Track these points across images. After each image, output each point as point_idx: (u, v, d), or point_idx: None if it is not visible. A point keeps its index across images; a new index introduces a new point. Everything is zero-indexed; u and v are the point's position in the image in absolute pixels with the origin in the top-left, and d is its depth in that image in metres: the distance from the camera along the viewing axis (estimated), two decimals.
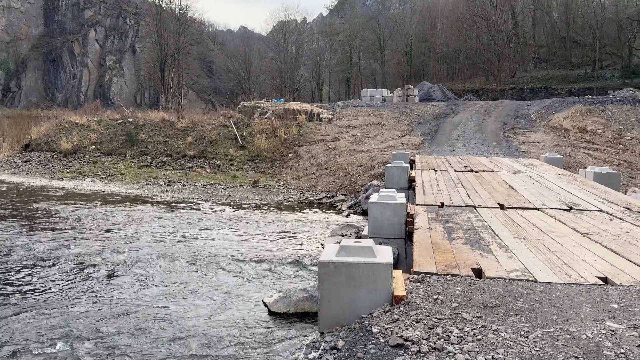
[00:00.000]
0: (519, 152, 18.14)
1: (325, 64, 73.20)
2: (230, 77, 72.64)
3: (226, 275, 8.19)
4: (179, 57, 60.76)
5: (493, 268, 4.29)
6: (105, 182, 19.24)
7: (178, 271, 8.41)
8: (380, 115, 26.64)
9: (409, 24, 67.11)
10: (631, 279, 4.03)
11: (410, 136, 22.35)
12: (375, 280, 3.62)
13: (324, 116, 26.38)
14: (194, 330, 5.94)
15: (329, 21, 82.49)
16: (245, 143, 22.31)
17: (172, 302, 6.97)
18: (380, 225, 7.02)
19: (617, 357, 2.65)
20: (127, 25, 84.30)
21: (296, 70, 69.19)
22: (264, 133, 22.62)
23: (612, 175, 11.02)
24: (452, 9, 64.16)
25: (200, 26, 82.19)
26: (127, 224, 12.06)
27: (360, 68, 67.01)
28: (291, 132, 23.01)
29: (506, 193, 8.84)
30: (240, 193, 17.10)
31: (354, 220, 13.12)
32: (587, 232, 5.83)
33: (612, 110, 22.56)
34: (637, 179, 16.20)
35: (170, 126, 24.56)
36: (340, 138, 22.44)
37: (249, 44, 74.73)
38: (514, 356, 2.66)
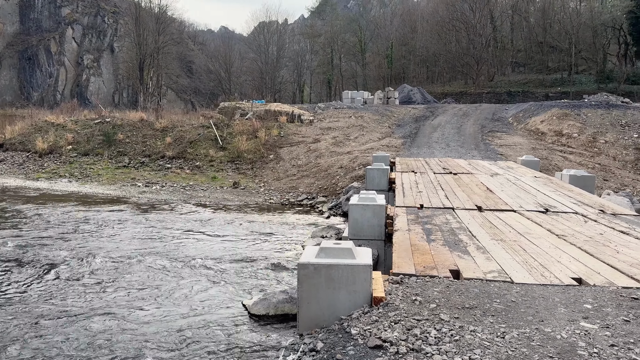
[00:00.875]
0: (496, 155, 18.41)
1: (306, 66, 73.24)
2: (210, 77, 72.09)
3: (205, 277, 8.12)
4: (158, 56, 60.10)
5: (470, 269, 4.34)
6: (81, 183, 18.91)
7: (156, 273, 8.30)
8: (361, 117, 26.76)
9: (390, 27, 67.58)
10: (604, 279, 4.12)
11: (390, 138, 22.50)
12: (355, 282, 3.63)
13: (305, 118, 26.38)
14: (171, 333, 5.87)
15: (311, 23, 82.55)
16: (225, 144, 22.17)
17: (148, 304, 6.87)
18: (360, 227, 7.04)
19: (591, 357, 2.70)
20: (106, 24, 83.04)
21: (277, 72, 69.05)
22: (244, 134, 22.52)
23: (587, 178, 11.25)
24: (432, 12, 64.86)
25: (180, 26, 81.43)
26: (104, 226, 11.87)
27: (341, 70, 67.22)
28: (272, 134, 22.96)
29: (484, 195, 8.95)
30: (220, 194, 16.98)
31: (335, 221, 13.14)
32: (563, 233, 5.94)
33: (588, 114, 23.06)
34: (611, 182, 16.59)
35: (148, 126, 24.27)
36: (321, 140, 22.47)
37: (230, 45, 74.30)
38: (491, 356, 2.69)
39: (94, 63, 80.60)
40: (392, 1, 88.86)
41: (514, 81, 53.14)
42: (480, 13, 55.97)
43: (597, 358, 2.69)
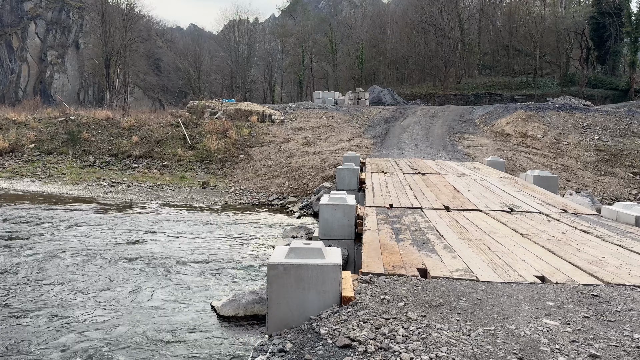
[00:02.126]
0: (463, 156, 18.76)
1: (277, 65, 72.96)
2: (179, 75, 71.01)
3: (173, 279, 8.00)
4: (125, 53, 58.81)
5: (438, 268, 4.41)
6: (45, 183, 18.35)
7: (122, 275, 8.13)
8: (332, 117, 26.84)
9: (360, 28, 68.02)
10: (566, 277, 4.24)
11: (361, 139, 22.65)
12: (324, 282, 3.63)
13: (276, 117, 26.29)
14: (138, 335, 5.76)
15: (281, 22, 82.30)
16: (194, 143, 21.89)
17: (112, 306, 6.72)
18: (330, 227, 7.06)
19: (553, 353, 2.78)
20: (71, 20, 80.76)
21: (248, 71, 68.56)
22: (214, 133, 22.29)
23: (550, 178, 11.57)
24: (402, 15, 65.59)
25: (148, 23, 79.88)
26: (67, 226, 11.55)
27: (312, 70, 67.25)
28: (242, 133, 22.79)
29: (451, 195, 9.11)
30: (189, 194, 16.76)
31: (305, 221, 13.14)
32: (527, 232, 6.10)
33: (551, 116, 23.75)
34: (573, 182, 17.12)
35: (115, 125, 23.75)
36: (292, 139, 22.44)
37: (199, 42, 73.38)
38: (457, 354, 2.74)
39: (58, 59, 78.29)
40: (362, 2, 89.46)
41: (480, 83, 54.23)
42: (449, 16, 56.92)
43: (559, 354, 2.76)
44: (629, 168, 18.75)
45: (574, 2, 55.77)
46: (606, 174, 18.37)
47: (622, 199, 15.96)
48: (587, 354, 2.76)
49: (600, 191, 16.63)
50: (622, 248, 5.36)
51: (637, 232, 6.35)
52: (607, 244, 5.55)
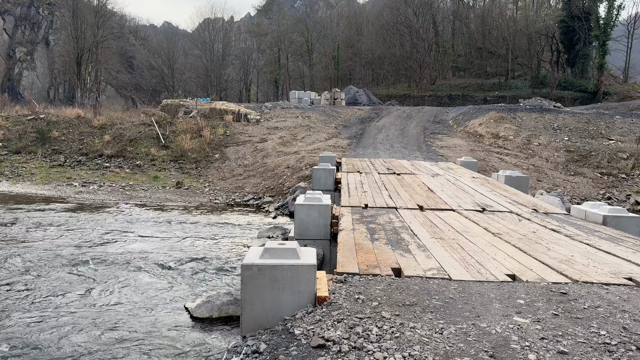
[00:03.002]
0: (437, 156, 18.99)
1: (253, 64, 72.57)
2: (152, 73, 69.93)
3: (147, 281, 7.87)
4: (97, 51, 57.63)
5: (411, 267, 4.44)
6: (13, 183, 17.84)
7: (92, 277, 7.96)
8: (308, 117, 26.84)
9: (336, 28, 68.24)
10: (536, 276, 4.33)
11: (337, 139, 22.70)
12: (299, 282, 3.63)
13: (251, 117, 26.15)
14: (108, 338, 5.64)
15: (257, 21, 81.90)
16: (168, 142, 21.60)
17: (84, 308, 6.58)
18: (306, 227, 7.06)
19: (523, 350, 2.83)
20: (40, 16, 78.70)
21: (223, 70, 67.98)
22: (188, 132, 22.03)
23: (522, 178, 11.81)
24: (377, 16, 66.03)
25: (120, 20, 78.47)
26: (37, 228, 11.25)
27: (288, 70, 67.12)
28: (217, 133, 22.59)
29: (425, 195, 9.21)
30: (163, 194, 16.52)
31: (281, 221, 13.11)
32: (498, 232, 6.21)
33: (522, 117, 24.24)
34: (543, 182, 17.51)
35: (86, 123, 23.26)
36: (268, 139, 22.35)
37: (174, 40, 72.41)
38: (429, 352, 2.77)
39: (27, 56, 76.19)
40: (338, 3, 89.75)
41: (454, 85, 55.00)
42: (423, 18, 57.56)
43: (529, 351, 2.82)
44: (597, 168, 19.28)
45: (545, 5, 57.06)
46: (575, 174, 18.84)
47: (590, 198, 16.40)
48: (556, 351, 2.82)
49: (570, 191, 17.05)
50: (590, 247, 5.50)
51: (605, 231, 6.54)
52: (575, 243, 5.69)
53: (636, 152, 19.99)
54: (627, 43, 50.85)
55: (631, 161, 19.45)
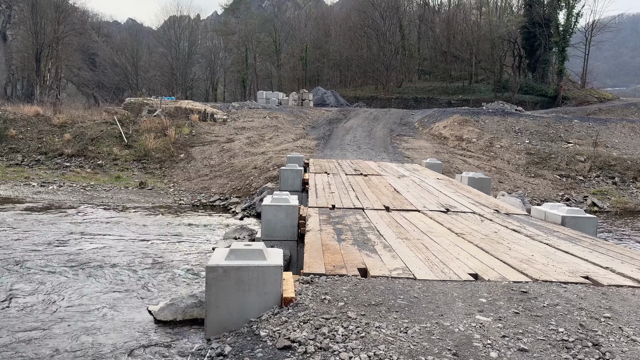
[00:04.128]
0: (403, 158, 19.24)
1: (220, 64, 71.78)
2: (116, 71, 68.26)
3: (108, 284, 7.67)
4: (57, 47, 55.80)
5: (377, 267, 4.48)
6: None
7: (52, 280, 7.69)
8: (276, 118, 26.74)
9: (304, 29, 68.28)
10: (498, 275, 4.43)
11: (305, 140, 22.71)
12: (265, 283, 3.60)
13: (218, 116, 25.86)
14: (68, 343, 5.46)
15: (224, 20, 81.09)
16: (131, 142, 21.13)
17: (40, 312, 6.35)
18: (273, 228, 7.03)
19: (485, 348, 2.89)
20: None
21: (189, 68, 66.98)
22: (152, 132, 21.61)
23: (484, 180, 12.09)
24: (345, 18, 66.43)
25: (82, 15, 76.25)
26: None
27: (256, 70, 66.71)
28: (183, 132, 22.24)
29: (391, 196, 9.31)
30: (125, 195, 16.14)
31: (248, 223, 13.00)
32: (461, 232, 6.33)
33: (485, 120, 24.83)
34: (505, 184, 17.98)
35: (45, 122, 22.50)
36: (235, 139, 22.15)
37: (138, 38, 70.93)
38: (394, 351, 2.79)
39: None
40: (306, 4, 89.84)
41: (420, 88, 55.85)
42: (390, 21, 58.22)
43: (491, 349, 2.88)
44: (556, 170, 19.93)
45: (507, 12, 58.62)
46: (536, 176, 19.43)
47: (550, 199, 16.94)
48: (517, 349, 2.89)
49: (530, 192, 17.57)
50: (550, 246, 5.68)
51: (563, 231, 6.76)
52: (535, 243, 5.86)
53: (593, 155, 20.78)
54: (585, 50, 52.82)
55: (588, 164, 20.20)
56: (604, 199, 17.80)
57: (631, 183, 19.34)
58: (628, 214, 16.75)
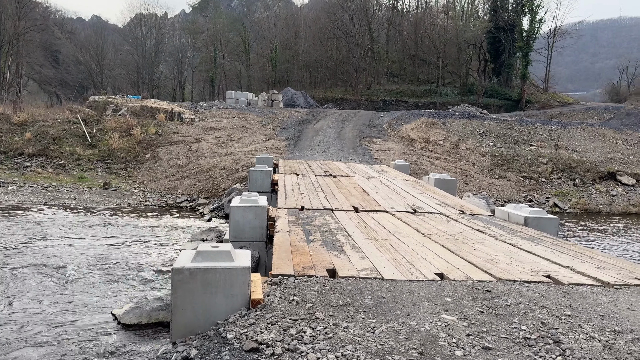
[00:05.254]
0: (372, 159, 19.40)
1: (188, 62, 70.83)
2: (79, 69, 66.46)
3: (70, 287, 7.44)
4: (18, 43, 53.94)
5: (345, 268, 4.50)
6: None
7: (9, 284, 7.42)
8: (245, 118, 26.55)
9: (274, 30, 68.07)
10: (463, 274, 4.52)
11: (274, 140, 22.62)
12: (233, 285, 3.57)
13: (185, 116, 25.48)
14: (27, 351, 5.28)
15: (192, 19, 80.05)
16: (95, 141, 20.60)
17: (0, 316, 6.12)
18: (241, 229, 6.97)
19: (450, 346, 2.94)
20: None
21: (156, 67, 65.84)
22: (117, 131, 21.12)
23: (450, 181, 12.31)
24: (315, 19, 66.58)
25: (45, 11, 74.00)
26: None
27: (225, 69, 66.10)
28: (149, 132, 21.82)
29: (360, 197, 9.37)
30: (89, 196, 15.72)
31: (216, 224, 12.85)
32: (428, 232, 6.43)
33: (452, 123, 25.29)
34: (470, 185, 18.34)
35: (5, 120, 21.70)
36: (203, 139, 21.87)
37: (103, 35, 69.23)
38: (362, 351, 2.81)
39: None
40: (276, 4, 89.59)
41: (388, 90, 56.48)
42: (359, 24, 58.69)
43: (456, 347, 2.93)
44: (519, 172, 20.47)
45: (473, 16, 59.92)
46: (500, 177, 19.90)
47: (513, 200, 17.39)
48: (481, 347, 2.95)
49: (494, 193, 17.98)
50: (513, 246, 5.82)
51: (526, 231, 6.94)
52: (499, 243, 6.00)
53: (555, 157, 21.43)
54: (547, 55, 54.56)
55: (550, 166, 20.82)
56: (565, 200, 18.38)
57: (591, 185, 20.03)
58: (588, 214, 17.35)
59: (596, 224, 15.63)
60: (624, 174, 20.73)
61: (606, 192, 19.51)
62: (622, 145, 24.16)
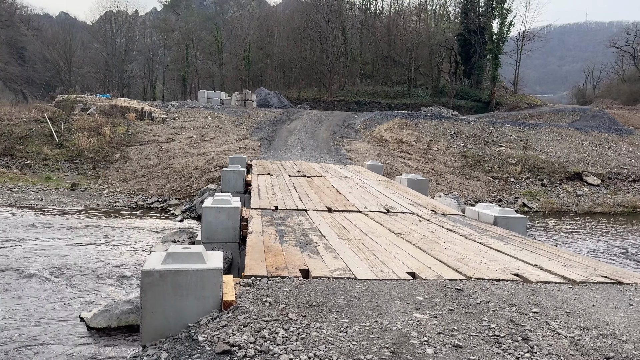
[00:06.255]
0: (346, 159, 19.48)
1: (159, 61, 69.72)
2: (47, 66, 64.65)
3: (37, 291, 7.23)
4: None
5: (319, 268, 4.50)
6: None
7: None
8: (218, 118, 26.30)
9: (247, 29, 67.59)
10: (434, 273, 4.57)
11: (248, 140, 22.47)
12: (204, 287, 3.52)
13: (156, 115, 25.09)
14: None
15: (164, 17, 78.82)
16: (63, 141, 20.09)
17: None
18: (214, 230, 6.90)
19: (421, 345, 2.97)
20: None
21: (126, 65, 64.60)
22: (85, 130, 20.64)
23: (422, 181, 12.46)
24: (288, 19, 66.44)
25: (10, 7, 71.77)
26: None
27: (197, 68, 65.31)
28: (118, 131, 21.40)
29: (334, 197, 9.39)
30: (56, 197, 15.31)
31: (188, 225, 12.69)
32: (401, 232, 6.48)
33: (424, 124, 25.60)
34: (442, 185, 18.60)
35: None
36: (174, 139, 21.57)
37: (71, 32, 67.53)
38: (334, 351, 2.81)
39: None
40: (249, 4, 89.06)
41: (362, 91, 56.81)
42: (333, 24, 58.84)
43: (427, 345, 2.96)
44: (489, 173, 20.87)
45: (445, 19, 60.81)
46: (470, 177, 20.25)
47: (483, 200, 17.71)
48: (452, 345, 2.99)
49: (465, 193, 18.28)
50: (482, 245, 5.92)
51: (495, 230, 7.07)
52: (469, 242, 6.10)
53: (523, 158, 21.93)
54: (517, 57, 55.79)
55: (519, 166, 21.29)
56: (533, 200, 18.82)
57: (558, 185, 20.57)
58: (555, 213, 17.81)
59: (563, 223, 16.06)
60: (589, 174, 21.37)
61: (573, 192, 20.07)
62: (588, 146, 24.90)
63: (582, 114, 37.25)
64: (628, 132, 28.12)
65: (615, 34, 67.00)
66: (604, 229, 15.28)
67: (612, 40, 63.20)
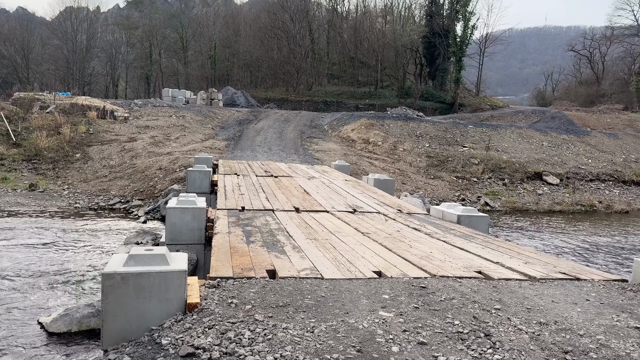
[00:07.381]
0: (313, 159, 19.50)
1: (122, 59, 68.07)
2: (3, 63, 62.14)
3: None
4: None
5: (286, 268, 4.48)
6: None
7: None
8: (183, 117, 25.89)
9: (213, 27, 66.77)
10: (400, 271, 4.63)
11: (214, 140, 22.20)
12: (168, 290, 3.45)
13: (119, 114, 24.49)
14: None
15: (127, 13, 77.00)
16: (20, 140, 19.37)
17: None
18: (178, 231, 6.78)
19: (387, 343, 3.00)
20: None
21: (87, 62, 62.79)
22: (44, 129, 19.97)
23: (388, 181, 12.59)
24: (255, 18, 65.98)
25: None
26: None
27: (161, 66, 64.10)
28: (79, 130, 20.79)
29: (301, 197, 9.38)
30: (13, 198, 14.74)
31: (152, 226, 12.43)
32: (367, 231, 6.53)
33: (390, 125, 25.89)
34: (408, 185, 18.85)
35: None
36: (137, 139, 21.10)
37: (29, 28, 65.11)
38: (301, 352, 2.80)
39: None
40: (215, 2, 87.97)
41: (329, 91, 56.99)
42: (300, 24, 58.79)
43: (392, 343, 2.99)
44: (453, 172, 21.27)
45: (410, 21, 61.66)
46: (435, 177, 20.60)
47: (447, 199, 18.04)
48: (416, 342, 3.03)
49: (430, 193, 18.58)
50: (446, 243, 6.03)
51: (459, 229, 7.21)
52: (434, 240, 6.20)
53: (486, 158, 22.45)
54: (479, 60, 57.16)
55: (481, 166, 21.79)
56: (495, 199, 19.30)
57: (519, 184, 21.16)
58: (516, 212, 18.31)
59: (524, 221, 16.52)
60: (549, 174, 22.07)
61: (533, 191, 20.69)
62: (548, 147, 25.70)
63: (542, 116, 38.41)
64: (585, 133, 29.18)
65: (573, 38, 69.39)
66: (563, 227, 15.82)
67: (570, 44, 65.42)
